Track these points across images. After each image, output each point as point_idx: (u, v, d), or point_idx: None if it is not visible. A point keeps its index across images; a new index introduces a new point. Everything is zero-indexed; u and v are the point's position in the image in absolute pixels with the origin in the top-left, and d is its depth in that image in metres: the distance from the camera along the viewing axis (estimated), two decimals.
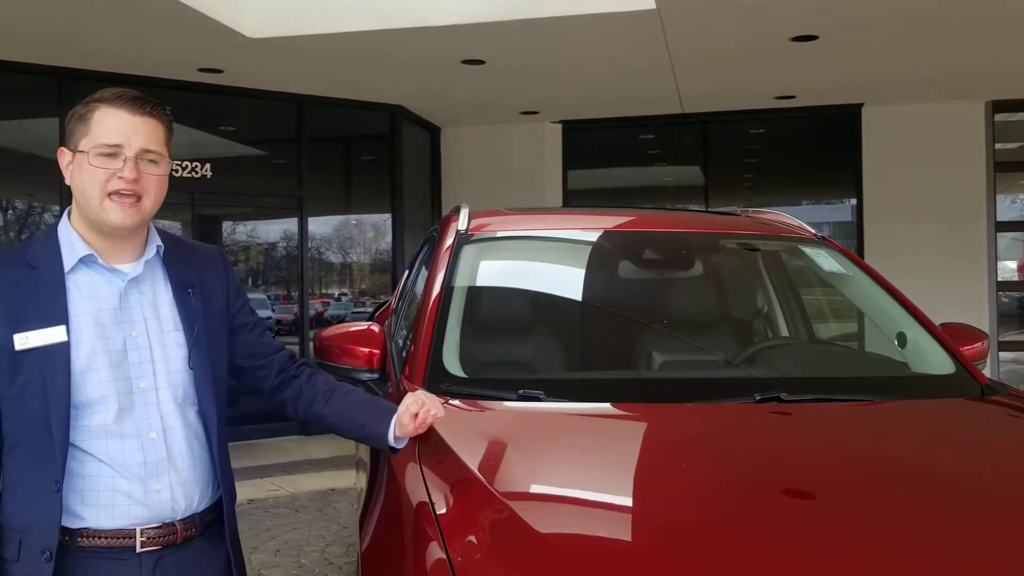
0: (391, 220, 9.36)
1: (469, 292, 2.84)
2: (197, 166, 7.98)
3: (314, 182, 8.77)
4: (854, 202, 9.49)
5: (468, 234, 2.98)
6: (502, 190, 9.19)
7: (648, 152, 10.59)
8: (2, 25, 6.07)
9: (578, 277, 3.09)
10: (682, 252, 3.22)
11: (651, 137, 10.25)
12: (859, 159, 9.25)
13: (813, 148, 10.14)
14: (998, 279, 9.05)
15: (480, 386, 2.43)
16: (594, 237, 3.21)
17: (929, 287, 6.59)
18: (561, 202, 9.83)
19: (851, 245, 9.19)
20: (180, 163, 7.88)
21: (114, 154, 1.67)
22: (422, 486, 1.86)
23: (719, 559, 1.58)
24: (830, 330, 4.97)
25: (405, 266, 8.06)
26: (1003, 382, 2.72)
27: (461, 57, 7.10)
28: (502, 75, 7.69)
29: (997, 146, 9.01)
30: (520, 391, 2.29)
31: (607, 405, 2.38)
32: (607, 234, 3.25)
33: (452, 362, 2.51)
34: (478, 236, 3.01)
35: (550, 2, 6.05)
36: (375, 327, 2.81)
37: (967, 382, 2.55)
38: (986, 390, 2.50)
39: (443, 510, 1.76)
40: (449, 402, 2.26)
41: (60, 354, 1.64)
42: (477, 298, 2.90)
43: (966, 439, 2.28)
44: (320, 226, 9.45)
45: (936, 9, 5.93)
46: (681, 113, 9.35)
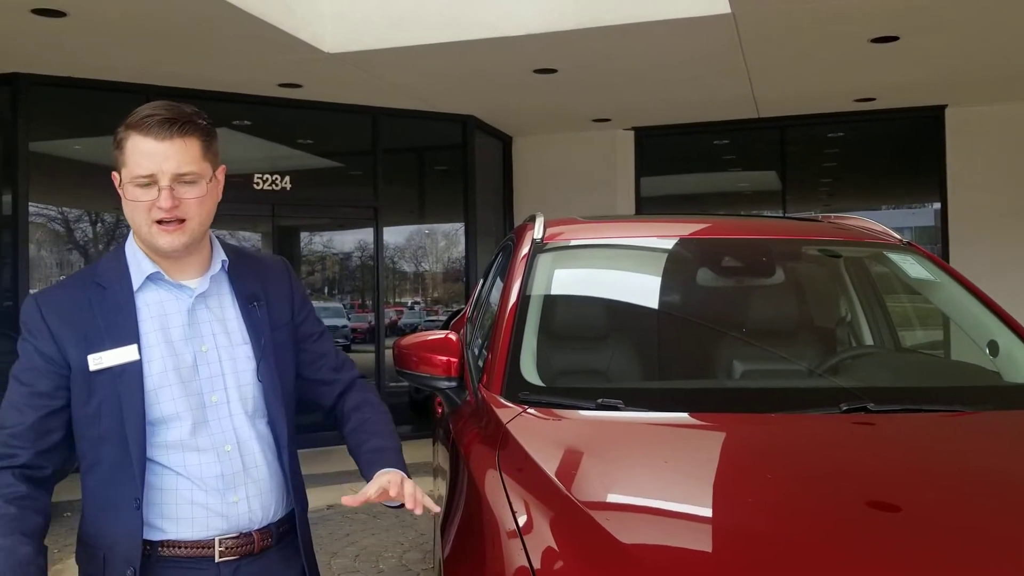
0: (463, 229, 9.44)
1: (545, 300, 2.84)
2: (277, 178, 8.19)
3: (389, 192, 8.91)
4: (937, 206, 9.20)
5: (543, 243, 2.99)
6: (574, 198, 9.18)
7: (723, 158, 10.45)
8: (95, 47, 6.34)
9: (655, 285, 3.07)
10: (762, 259, 3.17)
11: (726, 142, 10.11)
12: (943, 162, 8.96)
13: (894, 151, 9.87)
14: None
15: (558, 395, 2.42)
16: (671, 245, 3.18)
17: (1019, 293, 6.34)
18: (634, 210, 9.76)
19: (935, 250, 8.90)
20: (261, 175, 8.10)
21: (149, 184, 1.65)
22: (502, 494, 1.87)
23: (800, 573, 1.55)
24: (916, 338, 4.82)
25: (477, 275, 8.12)
26: None
27: (533, 66, 7.13)
28: (574, 83, 7.69)
29: None
30: (599, 400, 2.28)
31: (687, 415, 2.35)
32: (684, 241, 3.21)
33: (530, 371, 2.51)
34: (553, 245, 3.01)
35: (622, 9, 6.03)
36: (453, 336, 2.84)
37: None
38: None
39: (524, 518, 1.76)
40: (527, 411, 2.26)
41: (133, 373, 1.66)
42: (553, 306, 2.90)
43: None
44: (394, 236, 9.59)
45: (1020, 4, 5.72)
46: (757, 117, 9.21)
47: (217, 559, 1.71)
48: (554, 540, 1.69)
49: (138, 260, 1.74)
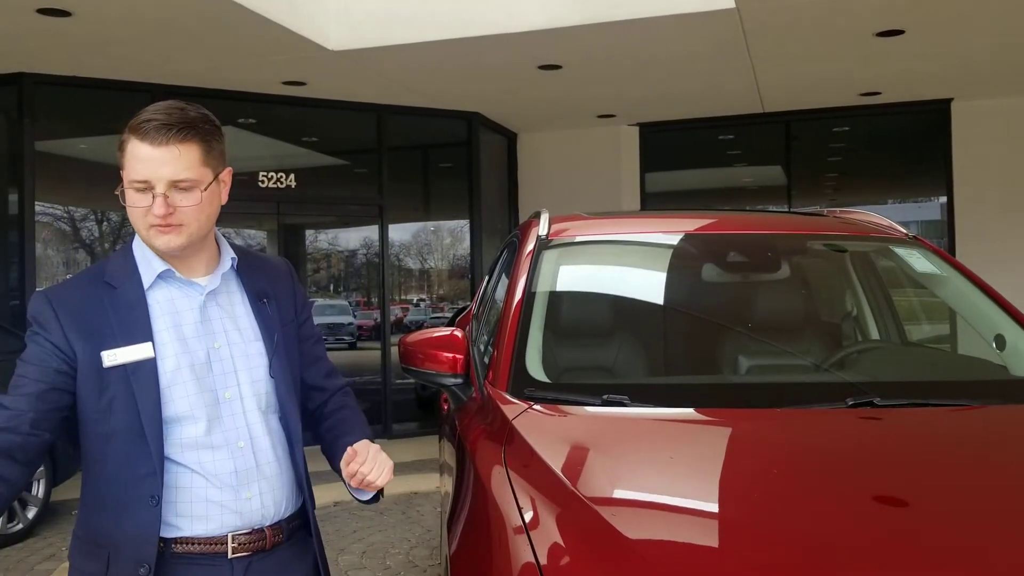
0: (469, 226, 9.45)
1: (551, 297, 2.84)
2: (282, 176, 8.20)
3: (394, 190, 8.92)
4: (943, 200, 9.17)
5: (549, 239, 2.99)
6: (579, 194, 9.18)
7: (728, 153, 10.43)
8: (100, 46, 6.36)
9: (661, 281, 3.06)
10: (767, 254, 3.16)
11: (731, 137, 10.09)
12: (949, 156, 8.94)
13: (900, 145, 9.84)
14: None
15: (564, 391, 2.43)
16: (676, 240, 3.18)
17: None
18: (639, 205, 9.76)
19: (941, 244, 8.88)
20: (266, 174, 8.11)
21: (144, 190, 1.63)
22: (509, 490, 1.87)
23: (809, 569, 1.55)
24: (922, 332, 4.81)
25: (483, 272, 8.13)
26: None
27: (538, 63, 7.13)
28: (579, 79, 7.68)
29: None
30: (605, 396, 2.28)
31: (692, 410, 2.35)
32: (689, 237, 3.21)
33: (535, 367, 2.51)
34: (559, 241, 3.01)
35: (626, 4, 6.02)
36: (458, 333, 2.84)
37: None
38: None
39: (530, 514, 1.77)
40: (533, 407, 2.27)
41: (148, 370, 1.65)
42: (559, 303, 2.90)
43: None
44: (399, 233, 9.60)
45: None
46: (762, 112, 9.19)
47: (230, 555, 1.70)
48: (560, 536, 1.69)
49: (148, 258, 1.73)
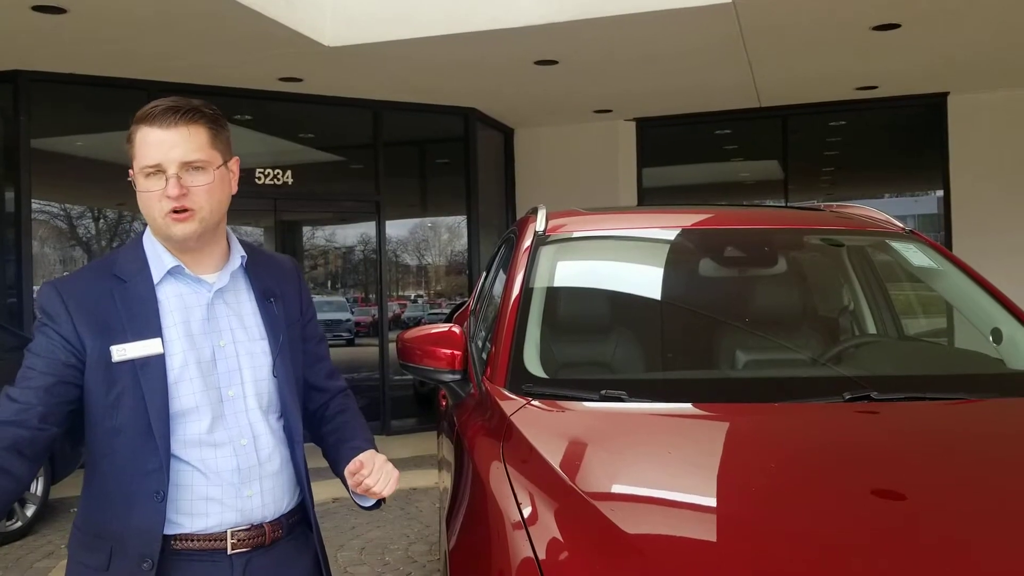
0: (466, 222, 9.44)
1: (548, 293, 2.84)
2: (279, 173, 8.19)
3: (391, 186, 8.91)
4: (940, 194, 9.18)
5: (546, 235, 2.99)
6: (576, 190, 9.18)
7: (725, 147, 10.44)
8: (95, 43, 6.35)
9: (658, 276, 3.07)
10: (764, 249, 3.17)
11: (728, 132, 10.09)
12: (945, 149, 8.95)
13: (896, 139, 9.85)
14: None
15: (562, 386, 2.43)
16: (673, 236, 3.18)
17: (1022, 280, 6.33)
18: (636, 201, 9.76)
19: (938, 238, 8.89)
20: (262, 170, 8.10)
21: (157, 173, 1.65)
22: (507, 485, 1.87)
23: (807, 564, 1.56)
24: (919, 326, 4.82)
25: (480, 267, 8.12)
26: None
27: (534, 58, 7.12)
28: (575, 74, 7.68)
29: None
30: (603, 391, 2.28)
31: (690, 405, 2.35)
32: (686, 232, 3.21)
33: (533, 363, 2.51)
34: (556, 237, 3.01)
35: None
36: (456, 329, 2.84)
37: None
38: None
39: (529, 509, 1.77)
40: (531, 403, 2.27)
41: (156, 366, 1.65)
42: (556, 299, 2.90)
43: None
44: (397, 229, 9.60)
45: None
46: (758, 107, 9.19)
47: (229, 551, 1.71)
48: (559, 531, 1.70)
49: (158, 253, 1.73)
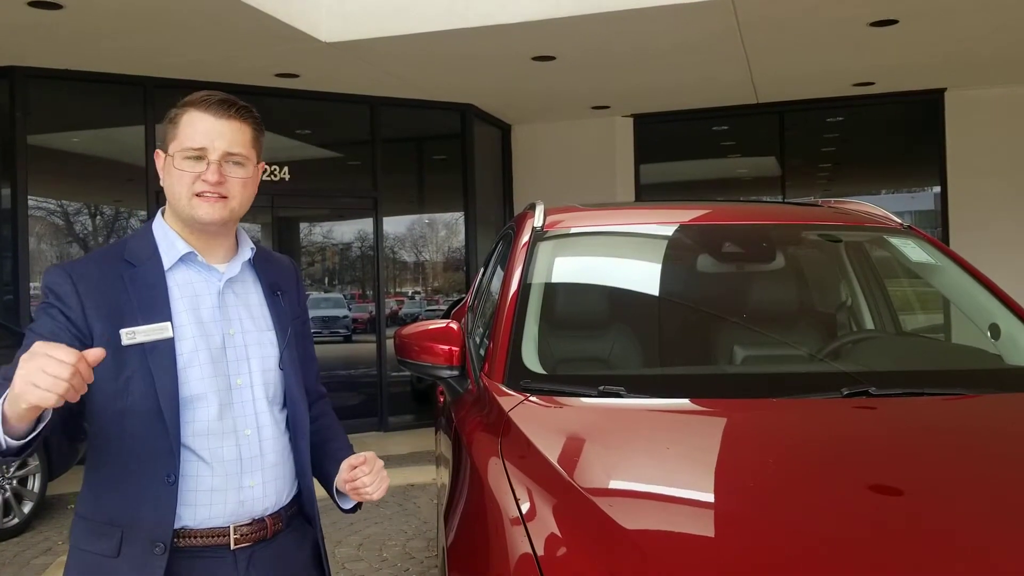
0: (463, 218, 9.43)
1: (546, 289, 2.84)
2: (276, 169, 8.19)
3: (388, 182, 8.90)
4: (937, 190, 9.19)
5: (544, 231, 2.98)
6: (573, 186, 9.18)
7: (722, 144, 10.43)
8: (91, 39, 6.33)
9: (656, 272, 3.07)
10: (762, 245, 3.16)
11: (725, 128, 10.09)
12: (943, 146, 8.95)
13: (893, 135, 9.85)
14: None
15: (560, 382, 2.43)
16: (671, 231, 3.18)
17: (1019, 276, 6.34)
18: (633, 197, 9.76)
19: (935, 234, 8.90)
20: None
21: (199, 157, 1.69)
22: (505, 481, 1.87)
23: (804, 559, 1.56)
24: (917, 322, 4.82)
25: (478, 264, 8.12)
26: None
27: (531, 54, 7.11)
28: (572, 70, 7.67)
29: None
30: (601, 387, 2.28)
31: (688, 401, 2.35)
32: (684, 228, 3.21)
33: (531, 359, 2.51)
34: (553, 232, 3.01)
35: None
36: (454, 325, 2.84)
37: None
38: None
39: (527, 505, 1.77)
40: (529, 399, 2.27)
41: (166, 350, 1.65)
42: (554, 294, 2.89)
43: None
44: (394, 226, 9.58)
45: None
46: (756, 103, 9.19)
47: (232, 547, 1.71)
48: (557, 527, 1.69)
49: (171, 240, 1.74)
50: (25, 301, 6.91)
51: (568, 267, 3.06)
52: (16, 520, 5.41)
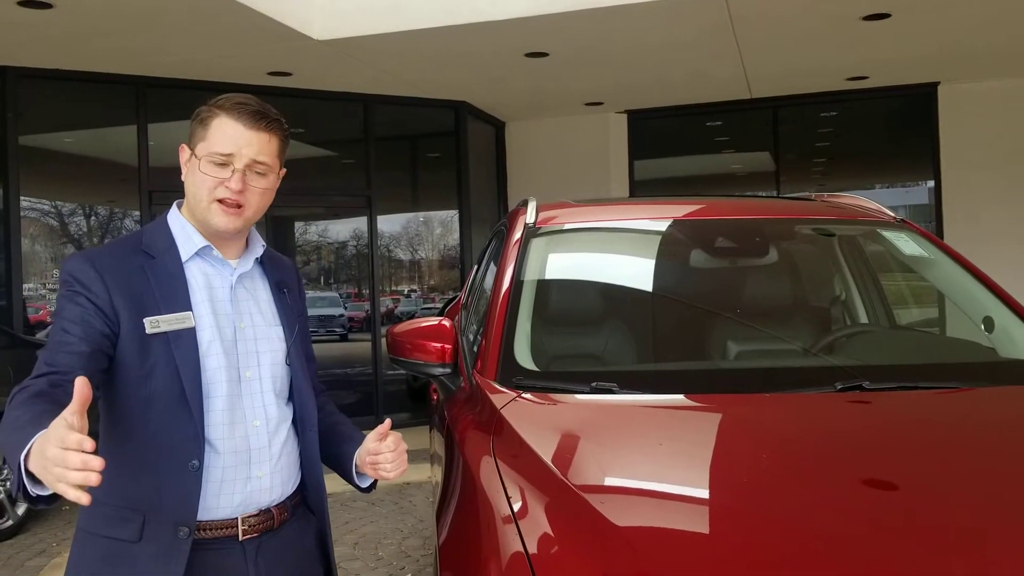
0: (458, 216, 9.42)
1: (539, 285, 2.83)
2: None
3: (382, 180, 8.88)
4: (931, 184, 9.19)
5: (536, 227, 2.97)
6: (568, 182, 9.16)
7: (716, 139, 10.43)
8: (82, 39, 6.30)
9: (649, 267, 3.06)
10: (755, 239, 3.15)
11: (719, 124, 10.09)
12: (936, 140, 8.96)
13: (887, 129, 9.85)
14: None
15: (552, 379, 2.42)
16: (664, 227, 3.17)
17: (1012, 270, 6.34)
18: (628, 193, 9.75)
19: (929, 227, 8.91)
20: None
21: (224, 163, 1.71)
22: (497, 479, 1.86)
23: (799, 554, 1.55)
24: (911, 316, 4.82)
25: (473, 261, 8.11)
26: None
27: (524, 50, 7.09)
28: (566, 67, 7.65)
29: None
30: (593, 383, 2.27)
31: (682, 397, 2.34)
32: (677, 223, 3.20)
33: (524, 355, 2.50)
34: (546, 229, 3.00)
35: None
36: (447, 322, 2.83)
37: None
38: None
39: (519, 503, 1.76)
40: (522, 396, 2.26)
41: (189, 339, 1.69)
42: (547, 291, 2.89)
43: None
44: (389, 224, 9.57)
45: None
46: (749, 98, 9.18)
47: (241, 538, 1.74)
48: (549, 525, 1.68)
49: (188, 233, 1.78)
50: (19, 303, 6.88)
51: (561, 263, 3.05)
52: (10, 522, 5.38)
